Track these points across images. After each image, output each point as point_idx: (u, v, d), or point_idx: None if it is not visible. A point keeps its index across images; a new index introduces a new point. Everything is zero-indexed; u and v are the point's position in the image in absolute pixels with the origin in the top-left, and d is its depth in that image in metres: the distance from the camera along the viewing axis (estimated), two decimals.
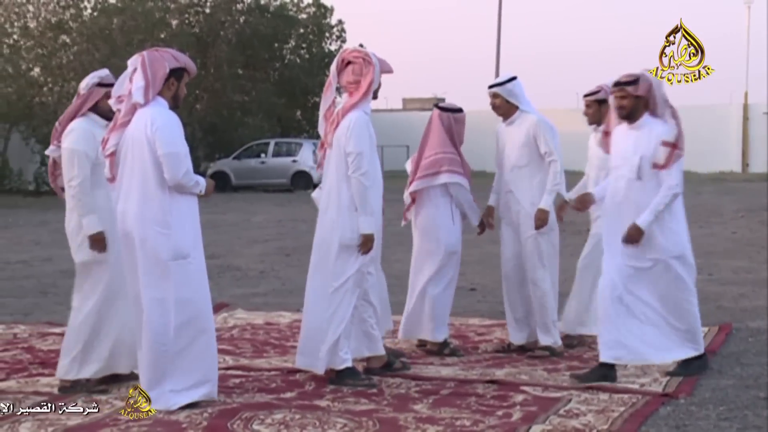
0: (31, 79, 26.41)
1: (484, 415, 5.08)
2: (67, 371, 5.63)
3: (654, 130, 5.83)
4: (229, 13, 30.69)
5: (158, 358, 5.19)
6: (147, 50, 5.40)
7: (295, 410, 5.14)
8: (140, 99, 5.23)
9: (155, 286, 5.18)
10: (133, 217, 5.20)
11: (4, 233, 15.98)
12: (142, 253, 5.19)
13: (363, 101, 5.77)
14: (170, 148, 5.17)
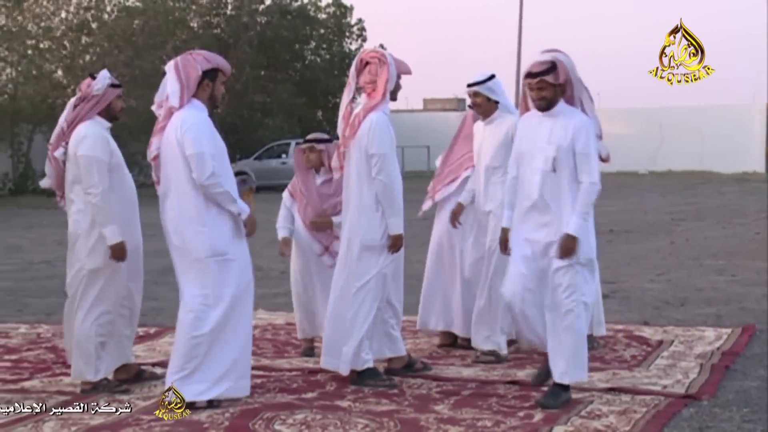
0: (54, 80, 26.58)
1: (505, 416, 5.07)
2: (83, 373, 5.65)
3: (572, 119, 5.31)
4: (251, 14, 30.78)
5: (192, 353, 5.26)
6: (181, 55, 5.50)
7: (317, 410, 5.15)
8: (175, 103, 5.35)
9: (193, 283, 5.29)
10: (171, 217, 5.34)
11: (27, 233, 16.09)
12: (180, 252, 5.32)
13: (382, 102, 5.78)
14: (196, 148, 5.26)
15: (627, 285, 9.80)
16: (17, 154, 26.07)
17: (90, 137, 5.59)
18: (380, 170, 5.68)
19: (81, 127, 5.64)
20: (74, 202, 5.67)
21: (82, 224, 5.63)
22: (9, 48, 25.73)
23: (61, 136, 5.72)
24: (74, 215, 5.68)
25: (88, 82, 5.73)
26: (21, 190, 25.37)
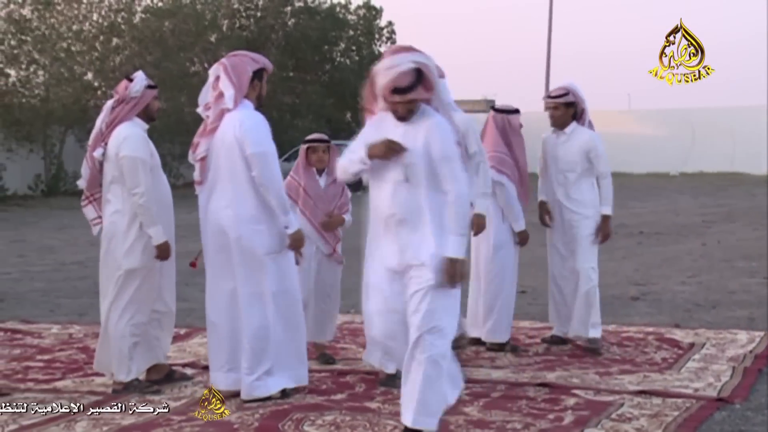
0: (85, 82, 26.79)
1: (535, 418, 5.05)
2: (115, 372, 5.69)
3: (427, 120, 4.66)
4: (279, 15, 30.88)
5: (260, 349, 5.39)
6: (226, 57, 5.60)
7: (346, 412, 5.16)
8: (231, 104, 5.45)
9: (253, 280, 5.40)
10: (228, 217, 5.41)
11: (59, 234, 16.23)
12: (238, 250, 5.41)
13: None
14: (258, 147, 5.37)
15: (658, 287, 9.74)
16: (49, 155, 26.30)
17: (132, 138, 5.65)
18: None
19: (121, 128, 5.69)
20: (111, 202, 5.72)
21: (119, 225, 5.67)
22: (41, 51, 25.96)
23: (99, 137, 5.77)
24: (110, 216, 5.73)
25: (126, 84, 5.78)
26: (53, 192, 25.59)
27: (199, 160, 5.54)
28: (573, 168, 6.74)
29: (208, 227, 5.53)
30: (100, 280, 5.82)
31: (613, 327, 7.57)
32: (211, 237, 5.51)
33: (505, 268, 6.78)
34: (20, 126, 24.78)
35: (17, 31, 25.73)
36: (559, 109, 6.75)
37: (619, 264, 11.68)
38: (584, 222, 6.74)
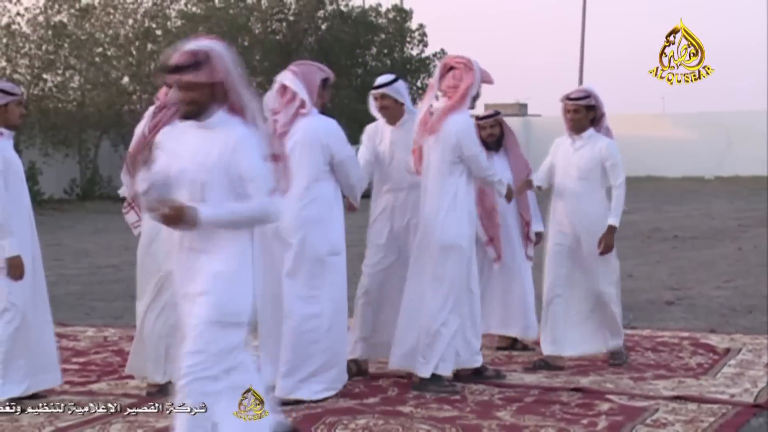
0: (120, 87, 27.01)
1: (569, 423, 5.03)
2: (151, 374, 5.73)
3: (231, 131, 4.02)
4: (312, 20, 30.97)
5: (308, 352, 5.46)
6: (293, 64, 5.74)
7: (378, 416, 5.16)
8: (308, 104, 5.57)
9: (311, 282, 5.49)
10: (293, 216, 5.44)
11: (94, 238, 16.37)
12: (299, 250, 5.48)
13: (460, 104, 5.83)
14: (345, 153, 5.58)
15: (693, 292, 9.65)
16: (85, 160, 26.52)
17: None
18: (482, 169, 5.83)
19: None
20: None
21: (159, 227, 5.72)
22: (77, 56, 26.21)
23: (142, 142, 5.82)
24: (150, 219, 5.77)
25: (166, 90, 5.83)
26: (88, 196, 25.78)
27: None
28: (587, 176, 6.42)
29: (266, 229, 5.52)
30: (137, 282, 5.86)
31: (648, 332, 7.52)
32: (271, 240, 5.55)
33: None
34: (56, 131, 25.01)
35: (54, 36, 26.01)
36: (580, 111, 6.44)
37: (653, 268, 11.59)
38: (592, 240, 6.41)
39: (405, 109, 6.20)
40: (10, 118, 5.53)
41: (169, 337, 5.70)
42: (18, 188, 5.48)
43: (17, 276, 5.38)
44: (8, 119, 5.52)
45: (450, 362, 5.77)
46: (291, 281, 5.51)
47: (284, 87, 5.65)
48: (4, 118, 5.50)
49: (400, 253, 6.15)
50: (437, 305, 5.73)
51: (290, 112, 5.58)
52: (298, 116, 5.57)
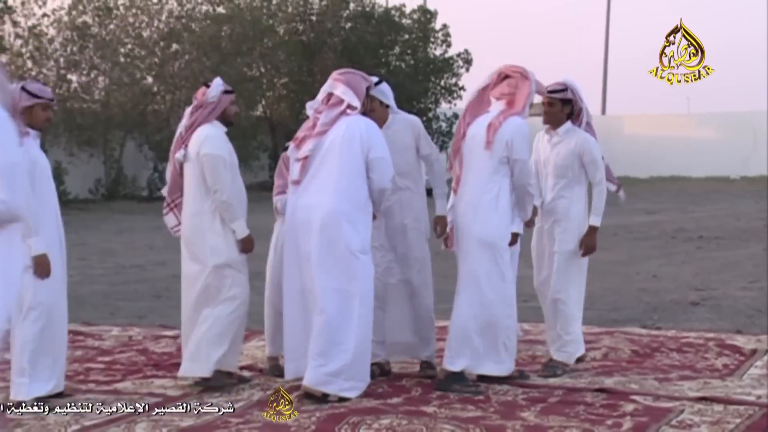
0: (144, 87, 27.16)
1: (593, 424, 5.00)
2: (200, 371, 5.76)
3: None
4: (335, 20, 31.01)
5: (340, 347, 5.47)
6: (339, 74, 5.79)
7: (402, 416, 5.16)
8: (352, 112, 5.65)
9: (341, 277, 5.51)
10: (325, 212, 5.52)
11: (119, 238, 16.46)
12: (329, 246, 5.51)
13: (521, 111, 5.82)
14: (382, 152, 5.60)
15: (718, 292, 9.59)
16: (109, 160, 26.68)
17: (212, 137, 5.80)
18: (525, 175, 5.79)
19: (201, 128, 5.84)
20: (190, 203, 5.84)
21: (201, 224, 5.78)
22: (102, 56, 26.38)
23: (180, 140, 5.91)
24: (191, 217, 5.83)
25: (203, 90, 5.92)
26: (113, 196, 25.94)
27: (302, 159, 5.65)
28: (564, 173, 6.21)
29: (296, 223, 5.64)
30: (183, 283, 5.90)
31: (673, 332, 7.47)
32: (300, 232, 5.60)
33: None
34: (81, 131, 25.18)
35: (79, 37, 26.19)
36: (555, 105, 6.18)
37: (678, 269, 11.54)
38: (565, 236, 6.21)
39: (390, 110, 6.19)
40: (35, 122, 5.57)
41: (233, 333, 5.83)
42: (44, 187, 5.52)
43: (43, 274, 5.42)
44: (34, 122, 5.56)
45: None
46: (324, 275, 5.53)
47: (330, 96, 5.73)
48: (30, 121, 5.55)
49: (396, 252, 6.16)
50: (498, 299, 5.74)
51: (333, 113, 5.66)
52: (342, 116, 5.65)
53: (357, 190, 5.59)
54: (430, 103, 32.02)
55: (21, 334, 5.41)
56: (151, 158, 26.82)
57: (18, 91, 5.50)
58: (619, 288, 10.00)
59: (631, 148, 34.05)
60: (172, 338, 7.43)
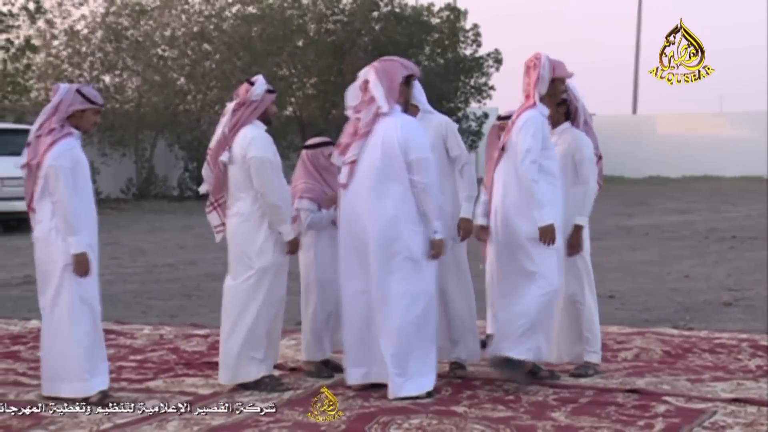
0: (176, 87, 27.32)
1: (624, 425, 4.97)
2: (257, 371, 5.78)
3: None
4: (366, 20, 31.03)
5: (406, 350, 5.52)
6: (377, 61, 5.77)
7: (432, 415, 5.15)
8: (385, 108, 5.60)
9: (406, 280, 5.53)
10: (382, 217, 5.53)
11: (150, 237, 16.56)
12: (390, 252, 5.53)
13: (533, 104, 5.75)
14: (421, 153, 5.56)
15: (752, 293, 9.50)
16: (141, 159, 26.87)
17: (258, 139, 5.79)
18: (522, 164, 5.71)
19: (245, 130, 5.81)
20: (236, 205, 5.85)
21: (247, 226, 5.79)
22: (135, 57, 26.58)
23: (223, 141, 5.87)
24: (236, 219, 5.85)
25: (247, 87, 5.90)
26: (144, 195, 26.12)
27: (349, 163, 5.65)
28: (560, 173, 5.98)
29: (351, 228, 5.65)
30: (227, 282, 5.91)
31: (705, 333, 7.41)
32: (353, 238, 5.62)
33: None
34: (114, 131, 25.37)
35: (114, 38, 26.41)
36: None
37: (711, 269, 11.44)
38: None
39: (421, 110, 6.13)
40: (83, 125, 5.63)
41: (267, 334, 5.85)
42: (85, 186, 5.58)
43: (83, 273, 5.47)
44: (81, 125, 5.62)
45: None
46: (388, 282, 5.54)
47: (366, 83, 5.69)
48: (78, 123, 5.60)
49: None
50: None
51: (370, 113, 5.64)
52: (378, 116, 5.62)
53: (409, 193, 5.57)
54: (460, 103, 31.94)
55: (74, 332, 5.45)
56: (182, 158, 26.98)
57: (72, 92, 5.57)
58: (651, 288, 9.93)
59: (663, 147, 33.85)
60: (203, 337, 7.47)
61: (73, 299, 5.46)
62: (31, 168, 5.54)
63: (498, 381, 5.91)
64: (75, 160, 5.49)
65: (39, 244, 5.59)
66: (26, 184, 5.61)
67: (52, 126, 5.52)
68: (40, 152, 5.49)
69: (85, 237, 5.48)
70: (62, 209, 5.44)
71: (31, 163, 5.53)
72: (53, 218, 5.49)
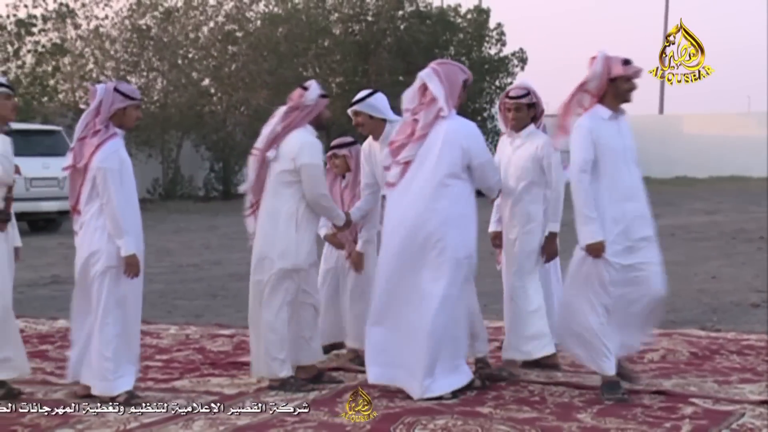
0: (201, 88, 27.44)
1: (651, 426, 4.94)
2: (279, 370, 5.79)
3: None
4: (391, 20, 31.03)
5: (440, 350, 5.55)
6: (436, 63, 5.80)
7: (457, 416, 5.14)
8: (446, 111, 5.63)
9: (449, 282, 5.56)
10: (439, 218, 5.55)
11: (176, 237, 16.64)
12: (436, 251, 5.55)
13: (592, 107, 5.58)
14: (485, 156, 5.64)
15: None
16: (167, 160, 27.00)
17: (310, 145, 5.84)
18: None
19: (298, 134, 5.86)
20: (269, 201, 5.89)
21: (275, 225, 5.82)
22: (160, 58, 26.72)
23: (273, 139, 5.91)
24: (270, 216, 5.87)
25: (300, 92, 5.95)
26: (170, 196, 26.24)
27: (403, 164, 5.66)
28: (526, 176, 6.08)
29: (399, 228, 5.65)
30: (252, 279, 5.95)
31: (733, 335, 7.35)
32: (399, 237, 5.63)
33: None
34: (140, 131, 25.49)
35: (139, 39, 26.57)
36: (521, 110, 6.12)
37: (738, 270, 11.35)
38: (526, 238, 6.12)
39: (386, 122, 6.13)
40: (126, 122, 5.68)
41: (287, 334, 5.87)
42: (130, 188, 5.64)
43: (133, 274, 5.52)
44: (124, 122, 5.67)
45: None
46: (431, 280, 5.56)
47: (425, 87, 5.70)
48: (121, 121, 5.65)
49: None
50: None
51: (430, 115, 5.64)
52: (438, 119, 5.63)
53: (460, 195, 5.60)
54: (485, 103, 31.87)
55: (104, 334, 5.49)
56: (208, 158, 27.09)
57: (110, 92, 5.61)
58: (678, 289, 9.84)
59: (690, 147, 33.64)
60: (229, 337, 7.50)
61: (108, 302, 5.49)
62: (77, 170, 5.58)
63: (523, 382, 5.90)
64: (121, 161, 5.55)
65: (83, 246, 5.60)
66: (71, 186, 5.65)
67: (97, 128, 5.57)
68: (87, 154, 5.53)
69: (133, 238, 5.52)
70: (111, 211, 5.49)
71: (77, 166, 5.57)
72: (98, 219, 5.52)
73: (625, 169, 5.52)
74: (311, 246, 5.90)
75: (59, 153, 17.18)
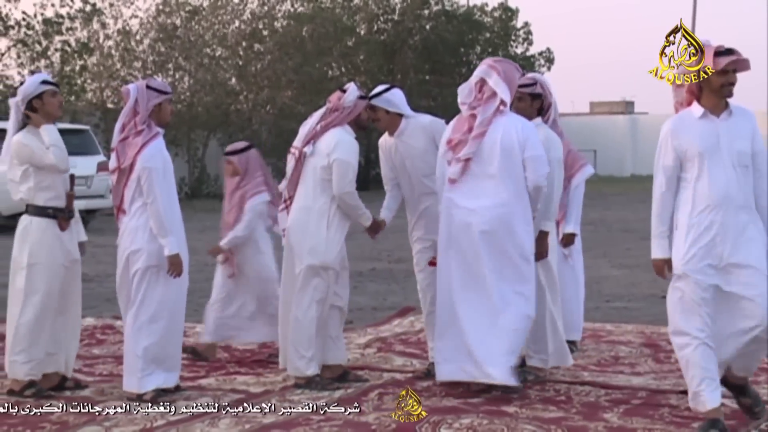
0: (227, 87, 27.55)
1: (678, 426, 4.92)
2: (305, 368, 5.81)
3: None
4: (417, 19, 31.03)
5: (515, 348, 5.60)
6: (492, 60, 5.77)
7: (483, 416, 5.14)
8: (506, 106, 5.64)
9: (518, 279, 5.59)
10: (499, 215, 5.57)
11: (202, 236, 16.68)
12: (504, 249, 5.58)
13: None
14: (537, 150, 5.60)
15: None
16: (193, 159, 27.13)
17: (345, 143, 5.88)
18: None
19: (335, 132, 5.91)
20: (301, 197, 5.93)
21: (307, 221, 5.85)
22: (187, 57, 26.85)
23: (312, 136, 5.96)
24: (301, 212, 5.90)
25: (339, 95, 5.99)
26: (196, 194, 26.36)
27: (464, 161, 5.64)
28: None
29: (455, 225, 5.65)
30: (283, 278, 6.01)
31: None
32: (462, 234, 5.62)
33: None
34: (166, 130, 25.57)
35: (166, 38, 26.71)
36: (524, 100, 5.98)
37: None
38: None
39: (402, 117, 6.08)
40: (163, 117, 5.75)
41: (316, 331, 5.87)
42: (172, 187, 5.70)
43: (177, 274, 5.57)
44: (161, 117, 5.73)
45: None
46: (499, 280, 5.57)
47: (483, 82, 5.69)
48: (158, 117, 5.69)
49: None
50: None
51: (489, 111, 5.63)
52: (496, 115, 5.62)
53: (523, 192, 5.61)
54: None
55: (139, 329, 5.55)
56: None
57: (144, 90, 5.65)
58: None
59: None
60: None
61: (143, 300, 5.55)
62: (122, 171, 5.63)
63: (549, 381, 5.88)
64: (164, 161, 5.59)
65: (125, 244, 5.64)
66: (115, 186, 5.71)
67: (139, 128, 5.62)
68: (131, 155, 5.59)
69: (176, 238, 5.55)
70: (155, 210, 5.53)
71: (121, 167, 5.61)
72: (139, 219, 5.57)
73: (720, 175, 4.75)
74: (342, 247, 5.91)
75: (87, 152, 17.34)
